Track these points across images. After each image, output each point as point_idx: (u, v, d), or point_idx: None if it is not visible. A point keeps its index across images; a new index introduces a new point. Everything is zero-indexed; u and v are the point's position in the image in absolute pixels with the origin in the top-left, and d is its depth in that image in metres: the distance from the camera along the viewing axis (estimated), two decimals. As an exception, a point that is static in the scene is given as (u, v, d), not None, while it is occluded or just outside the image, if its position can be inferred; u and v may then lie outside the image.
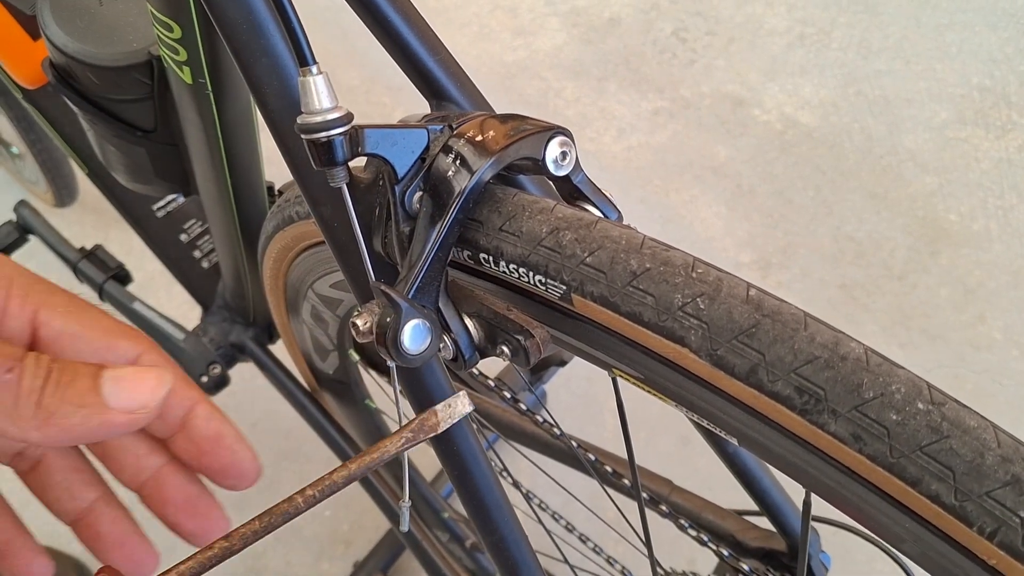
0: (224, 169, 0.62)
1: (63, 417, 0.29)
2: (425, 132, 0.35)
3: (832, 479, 0.31)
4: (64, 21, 0.59)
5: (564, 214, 0.35)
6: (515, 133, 0.36)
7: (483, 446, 0.49)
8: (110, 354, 0.33)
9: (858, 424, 0.28)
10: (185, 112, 0.56)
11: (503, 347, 0.36)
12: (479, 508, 0.49)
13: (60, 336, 0.32)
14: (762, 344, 0.29)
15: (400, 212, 0.35)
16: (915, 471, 0.27)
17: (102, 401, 0.30)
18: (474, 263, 0.37)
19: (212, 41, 0.48)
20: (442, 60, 0.40)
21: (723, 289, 0.31)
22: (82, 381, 0.30)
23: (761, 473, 0.71)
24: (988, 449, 0.26)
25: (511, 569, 0.52)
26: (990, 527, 0.26)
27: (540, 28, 2.21)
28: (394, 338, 0.34)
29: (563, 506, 0.92)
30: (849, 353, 0.29)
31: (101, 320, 0.34)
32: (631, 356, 0.34)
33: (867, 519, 0.31)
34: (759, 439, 0.32)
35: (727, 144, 1.90)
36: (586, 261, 0.33)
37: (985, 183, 1.78)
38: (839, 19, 2.12)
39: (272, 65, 0.36)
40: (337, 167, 0.32)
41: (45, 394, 0.29)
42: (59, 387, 0.29)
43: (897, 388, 0.28)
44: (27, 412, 0.28)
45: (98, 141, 0.69)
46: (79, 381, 0.30)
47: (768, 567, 0.78)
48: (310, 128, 0.31)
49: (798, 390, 0.29)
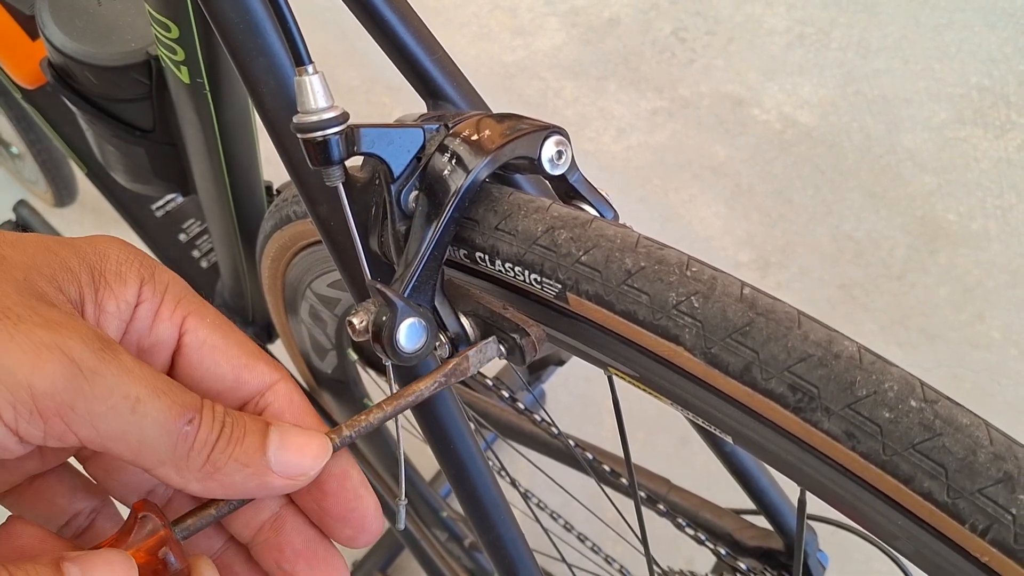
0: (222, 168, 0.62)
1: (227, 474, 0.29)
2: (421, 131, 0.35)
3: (826, 477, 0.31)
4: (63, 21, 0.59)
5: (559, 213, 0.35)
6: (511, 132, 0.36)
7: (481, 446, 0.49)
8: (247, 373, 0.33)
9: (851, 422, 0.28)
10: (183, 112, 0.57)
11: (500, 345, 0.36)
12: (476, 507, 0.49)
13: (203, 346, 0.32)
14: (756, 342, 0.30)
15: (396, 211, 0.36)
16: (908, 469, 0.27)
17: (266, 463, 0.29)
18: (470, 262, 0.37)
19: (210, 41, 0.48)
20: (439, 60, 0.40)
21: (717, 288, 0.31)
22: (251, 439, 0.29)
23: (758, 472, 0.71)
24: (980, 447, 0.27)
25: (508, 568, 0.52)
26: (982, 524, 0.26)
27: (539, 28, 2.21)
28: (390, 337, 0.34)
29: (562, 505, 0.92)
30: (842, 351, 0.29)
31: (244, 340, 0.34)
32: (626, 354, 0.35)
33: (861, 517, 0.32)
34: (754, 437, 0.33)
35: (726, 143, 1.91)
36: (581, 260, 0.33)
37: (984, 183, 1.78)
38: (838, 19, 2.12)
39: (269, 65, 0.36)
40: (333, 166, 0.32)
41: (216, 449, 0.28)
42: (230, 443, 0.29)
43: (890, 386, 0.28)
44: (196, 464, 0.28)
45: (97, 141, 0.69)
46: (248, 439, 0.29)
47: (766, 566, 0.78)
48: (306, 127, 0.31)
49: (792, 388, 0.29)
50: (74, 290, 0.29)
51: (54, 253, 0.29)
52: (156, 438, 0.27)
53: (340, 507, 0.33)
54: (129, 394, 0.26)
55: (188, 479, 0.28)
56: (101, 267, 0.31)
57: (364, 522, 0.33)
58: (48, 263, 0.29)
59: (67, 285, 0.29)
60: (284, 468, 0.30)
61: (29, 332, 0.25)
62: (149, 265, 0.32)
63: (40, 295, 0.27)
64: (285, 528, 0.33)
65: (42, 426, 0.26)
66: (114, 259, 0.31)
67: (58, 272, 0.29)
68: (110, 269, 0.31)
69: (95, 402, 0.26)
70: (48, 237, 0.30)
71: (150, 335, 0.32)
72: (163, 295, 0.32)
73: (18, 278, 0.27)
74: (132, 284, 0.31)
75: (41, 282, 0.28)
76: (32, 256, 0.28)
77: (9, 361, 0.25)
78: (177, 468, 0.28)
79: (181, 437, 0.28)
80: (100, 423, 0.26)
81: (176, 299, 0.32)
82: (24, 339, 0.25)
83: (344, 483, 0.33)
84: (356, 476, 0.33)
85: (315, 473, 0.31)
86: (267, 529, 0.33)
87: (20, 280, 0.27)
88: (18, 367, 0.25)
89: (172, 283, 0.32)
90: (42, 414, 0.25)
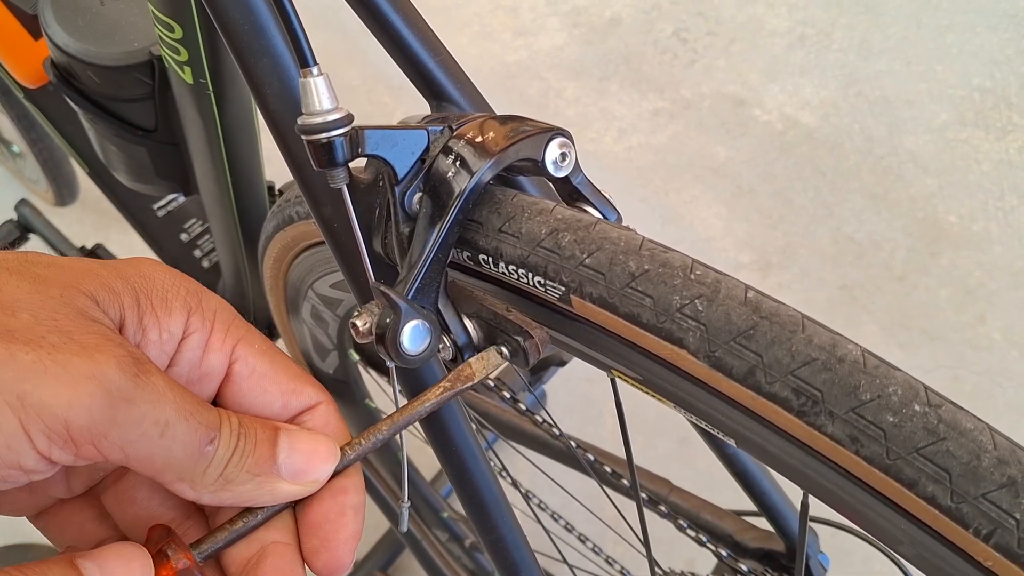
0: (224, 169, 0.62)
1: (238, 484, 0.29)
2: (425, 133, 0.35)
3: (829, 481, 0.31)
4: (66, 20, 0.59)
5: (563, 215, 0.35)
6: (514, 134, 0.36)
7: (482, 446, 0.49)
8: (295, 398, 0.33)
9: (855, 426, 0.28)
10: (186, 112, 0.57)
11: (502, 348, 0.36)
12: (478, 508, 0.49)
13: (252, 374, 0.33)
14: (760, 346, 0.30)
15: (400, 213, 0.36)
16: (912, 473, 0.27)
17: (276, 471, 0.30)
18: (473, 264, 0.37)
19: (213, 41, 0.48)
20: (442, 61, 0.40)
21: (721, 291, 0.31)
22: (261, 449, 0.30)
23: (760, 474, 0.71)
24: (984, 451, 0.27)
25: (509, 568, 0.52)
26: (986, 529, 0.26)
27: (541, 28, 2.21)
28: (393, 339, 0.34)
29: (562, 506, 0.92)
30: (847, 355, 0.29)
31: (290, 364, 0.34)
32: (629, 357, 0.35)
33: (864, 521, 0.31)
34: (757, 441, 0.33)
35: (727, 144, 1.90)
36: (585, 262, 0.33)
37: (985, 184, 1.78)
38: (840, 20, 2.12)
39: (273, 66, 0.36)
40: (337, 168, 0.32)
41: (230, 464, 0.29)
42: (243, 456, 0.29)
43: (894, 390, 0.28)
44: (210, 479, 0.29)
45: (99, 140, 0.69)
46: (259, 449, 0.29)
47: (766, 567, 0.78)
48: (310, 129, 0.31)
49: (795, 392, 0.29)
50: (115, 310, 0.29)
51: (95, 274, 0.29)
52: (180, 459, 0.28)
53: (319, 515, 0.32)
54: (159, 419, 0.27)
55: (202, 492, 0.29)
56: (147, 291, 0.30)
57: (334, 541, 0.32)
58: (88, 282, 0.29)
59: (108, 304, 0.29)
60: (294, 474, 0.30)
61: (65, 363, 0.25)
62: (195, 292, 0.32)
63: (78, 311, 0.27)
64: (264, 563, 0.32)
65: (74, 451, 0.26)
66: (160, 285, 0.31)
67: (99, 291, 0.29)
68: (156, 295, 0.31)
69: (128, 430, 0.26)
70: (89, 260, 0.30)
71: (201, 366, 0.32)
72: (212, 323, 0.32)
73: (54, 295, 0.27)
74: (178, 314, 0.31)
75: (79, 298, 0.28)
76: (72, 275, 0.28)
77: (46, 395, 0.25)
78: (193, 483, 0.28)
79: (202, 457, 0.28)
80: (130, 448, 0.27)
81: (225, 327, 0.32)
82: (60, 371, 0.25)
83: (338, 496, 0.32)
84: (353, 497, 0.32)
85: (324, 478, 0.31)
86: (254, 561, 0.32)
87: (56, 297, 0.27)
88: (54, 401, 0.25)
89: (220, 310, 0.32)
90: (75, 442, 0.26)
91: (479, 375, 0.35)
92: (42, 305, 0.27)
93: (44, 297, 0.27)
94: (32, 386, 0.24)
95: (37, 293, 0.27)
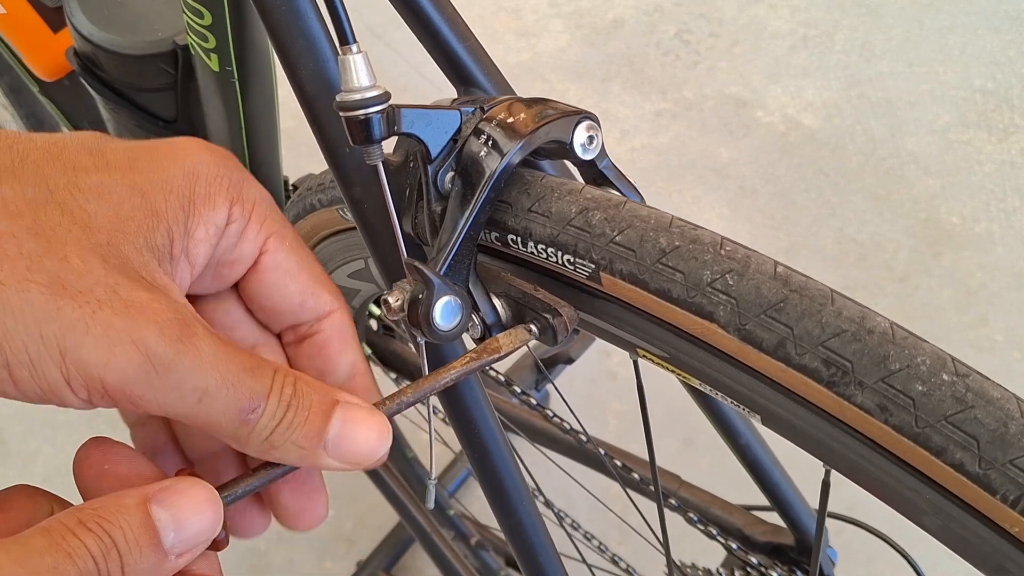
0: (245, 158, 0.62)
1: (283, 452, 0.29)
2: (458, 113, 0.36)
3: (856, 452, 0.31)
4: (91, 10, 0.60)
5: (593, 195, 0.35)
6: (543, 117, 0.36)
7: (504, 431, 0.50)
8: (313, 300, 0.34)
9: (884, 395, 0.28)
10: (209, 100, 0.57)
11: (531, 325, 0.37)
12: (498, 490, 0.50)
13: (278, 268, 0.34)
14: (790, 318, 0.30)
15: (432, 192, 0.36)
16: (940, 440, 0.28)
17: (321, 449, 0.29)
18: (501, 245, 0.38)
19: (241, 29, 0.48)
20: (471, 47, 0.41)
21: (751, 266, 0.32)
22: (312, 423, 0.29)
23: (772, 467, 0.72)
24: (1012, 419, 0.27)
25: (528, 553, 0.53)
26: (1013, 494, 0.27)
27: (543, 30, 2.22)
28: (427, 313, 0.34)
29: (566, 505, 0.93)
30: (875, 327, 0.29)
31: (314, 266, 0.35)
32: (657, 334, 0.35)
33: (888, 493, 0.32)
34: (784, 415, 0.33)
35: (730, 146, 1.91)
36: (616, 240, 0.34)
37: (987, 186, 1.79)
38: (842, 21, 2.13)
39: (308, 46, 0.36)
40: (374, 145, 0.33)
41: (275, 432, 0.29)
42: (290, 427, 0.29)
43: (923, 360, 0.29)
44: (255, 443, 0.29)
45: (118, 131, 0.69)
46: (309, 423, 0.29)
47: (775, 561, 0.79)
48: (349, 105, 0.32)
49: (825, 363, 0.29)
50: (162, 234, 0.30)
51: (141, 195, 0.29)
52: (219, 422, 0.28)
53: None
54: (198, 386, 0.27)
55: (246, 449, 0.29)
56: (191, 193, 0.31)
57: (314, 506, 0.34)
58: (134, 214, 0.29)
59: (154, 233, 0.29)
60: (339, 455, 0.30)
61: (107, 324, 0.26)
62: (237, 183, 0.32)
63: (124, 264, 0.28)
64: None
65: (111, 403, 0.27)
66: (204, 179, 0.31)
67: (144, 221, 0.29)
68: (199, 193, 0.31)
69: (163, 394, 0.27)
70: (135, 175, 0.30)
71: (233, 252, 0.33)
72: (251, 214, 0.33)
73: (102, 243, 0.28)
74: (222, 207, 0.32)
75: (126, 246, 0.28)
76: (118, 208, 0.29)
77: (84, 354, 0.26)
78: (237, 442, 0.29)
79: (244, 424, 0.28)
80: (168, 408, 0.27)
81: (261, 219, 0.33)
82: (101, 332, 0.26)
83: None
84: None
85: (368, 464, 0.31)
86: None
87: (104, 245, 0.28)
88: (92, 360, 0.26)
89: (259, 200, 0.33)
90: (112, 398, 0.27)
91: (505, 348, 0.35)
92: (92, 251, 0.27)
93: (91, 246, 0.27)
94: (73, 343, 0.25)
95: (86, 238, 0.27)
